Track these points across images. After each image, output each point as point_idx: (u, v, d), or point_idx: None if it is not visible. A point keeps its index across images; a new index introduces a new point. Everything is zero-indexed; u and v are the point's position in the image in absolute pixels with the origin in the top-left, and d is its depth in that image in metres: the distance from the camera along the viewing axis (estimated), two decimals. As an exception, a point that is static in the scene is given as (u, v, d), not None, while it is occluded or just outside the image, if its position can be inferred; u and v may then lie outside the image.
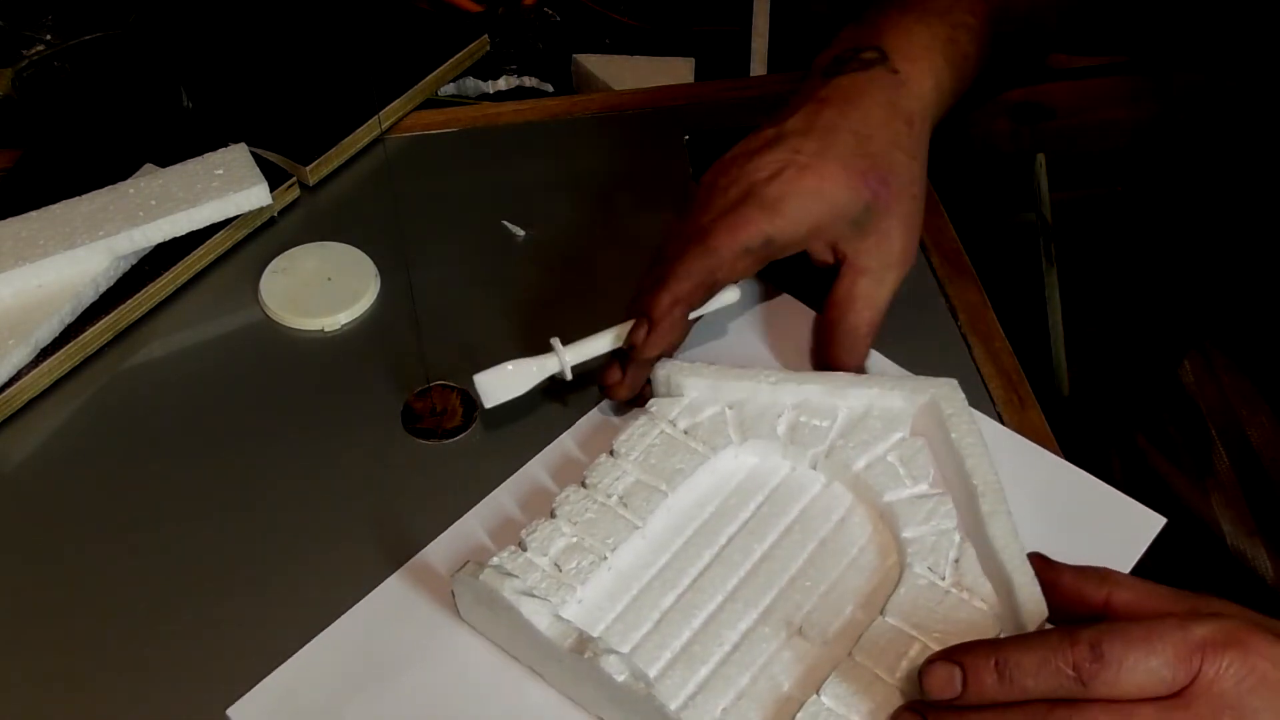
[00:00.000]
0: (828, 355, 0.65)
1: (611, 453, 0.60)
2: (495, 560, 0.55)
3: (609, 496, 0.58)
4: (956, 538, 0.56)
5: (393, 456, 0.63)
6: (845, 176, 0.63)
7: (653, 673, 0.53)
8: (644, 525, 0.57)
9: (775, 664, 0.54)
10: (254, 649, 0.55)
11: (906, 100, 0.66)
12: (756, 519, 0.59)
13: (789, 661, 0.54)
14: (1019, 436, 0.63)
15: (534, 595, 0.53)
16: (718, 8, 0.99)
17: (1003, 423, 0.64)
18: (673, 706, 0.52)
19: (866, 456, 0.59)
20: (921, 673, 0.49)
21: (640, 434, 0.60)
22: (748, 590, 0.56)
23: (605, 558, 0.56)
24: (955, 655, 0.49)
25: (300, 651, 0.55)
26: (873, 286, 0.64)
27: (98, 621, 0.57)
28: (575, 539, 0.56)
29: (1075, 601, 0.52)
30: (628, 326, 0.61)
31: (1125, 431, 0.78)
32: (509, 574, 0.53)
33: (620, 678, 0.50)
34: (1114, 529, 0.59)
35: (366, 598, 0.57)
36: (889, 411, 0.61)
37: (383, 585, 0.57)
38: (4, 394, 0.64)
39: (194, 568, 0.59)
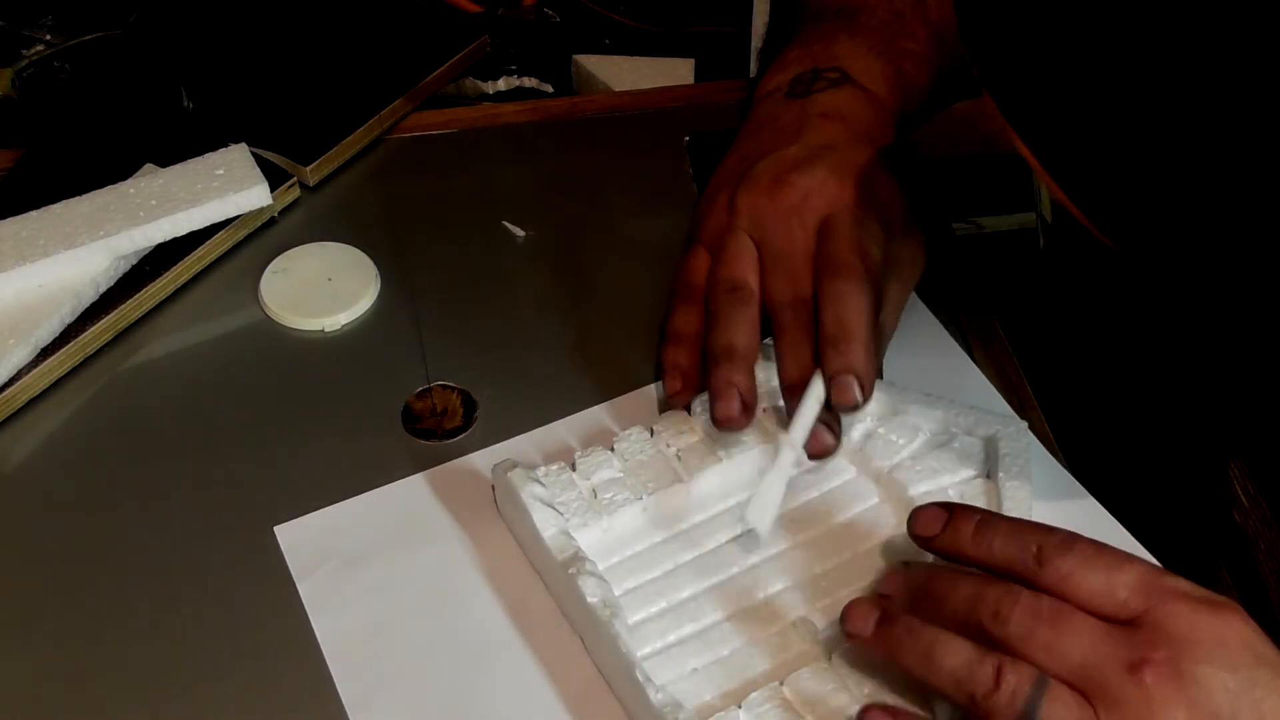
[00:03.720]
0: None
1: (689, 410, 0.61)
2: (541, 469, 0.58)
3: (668, 446, 0.60)
4: None
5: (393, 456, 0.63)
6: (892, 181, 0.63)
7: (641, 616, 0.55)
8: (690, 481, 0.58)
9: (759, 646, 0.54)
10: (250, 641, 0.55)
11: (884, 117, 0.67)
12: (801, 510, 0.59)
13: (774, 648, 0.54)
14: (1094, 502, 0.60)
15: (553, 506, 0.56)
16: (718, 8, 0.99)
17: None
18: (645, 650, 0.53)
19: (928, 485, 0.59)
20: (913, 514, 0.52)
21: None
22: (764, 572, 0.57)
23: (640, 498, 0.58)
24: (948, 505, 0.52)
25: (350, 499, 0.60)
26: (902, 290, 0.64)
27: (97, 623, 0.57)
28: (621, 474, 0.58)
29: None
30: (819, 385, 0.58)
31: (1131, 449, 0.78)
32: (536, 480, 0.57)
33: (591, 599, 0.52)
34: None
35: (421, 474, 0.61)
36: (971, 447, 0.60)
37: (440, 468, 0.61)
38: (4, 394, 0.64)
39: (193, 569, 0.59)
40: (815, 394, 0.58)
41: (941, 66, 0.72)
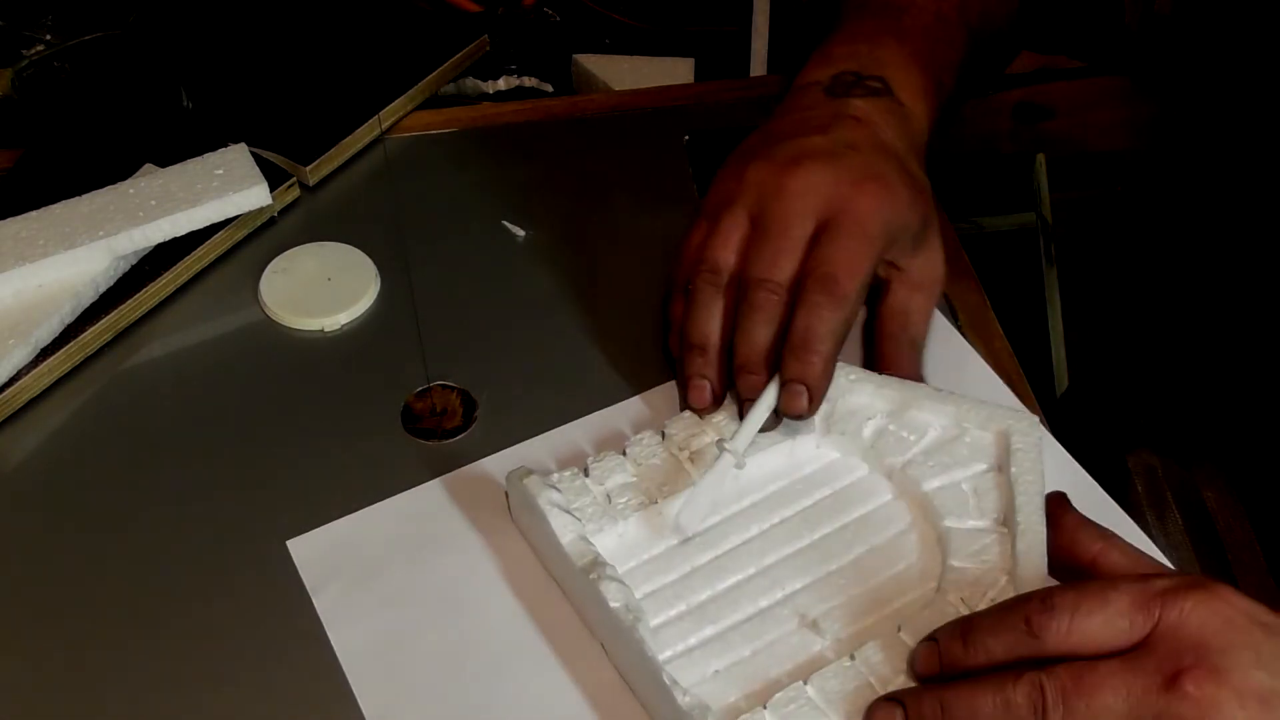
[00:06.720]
0: (891, 368, 0.64)
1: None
2: (555, 475, 0.58)
3: (680, 450, 0.60)
4: (1001, 580, 0.55)
5: (393, 456, 0.63)
6: (907, 193, 0.63)
7: (661, 619, 0.55)
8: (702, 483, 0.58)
9: (780, 646, 0.54)
10: (250, 641, 0.55)
11: (913, 133, 0.67)
12: (815, 509, 0.59)
13: (794, 648, 0.54)
14: (1103, 494, 0.60)
15: (569, 512, 0.56)
16: (718, 8, 0.99)
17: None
18: (666, 654, 0.53)
19: (941, 479, 0.59)
20: (910, 659, 0.52)
21: (729, 402, 0.61)
22: (781, 571, 0.57)
23: (655, 502, 0.58)
24: (933, 634, 0.51)
25: (362, 510, 0.60)
26: (926, 301, 0.65)
27: (97, 623, 0.57)
28: (634, 479, 0.58)
29: (1068, 550, 0.53)
30: (773, 392, 0.59)
31: (1128, 440, 0.78)
32: (552, 486, 0.56)
33: (614, 604, 0.52)
34: None
35: (433, 481, 0.61)
36: (981, 440, 0.60)
37: (451, 475, 0.61)
38: (4, 394, 0.64)
39: (193, 568, 0.59)
40: (767, 401, 0.59)
41: (966, 67, 0.72)
